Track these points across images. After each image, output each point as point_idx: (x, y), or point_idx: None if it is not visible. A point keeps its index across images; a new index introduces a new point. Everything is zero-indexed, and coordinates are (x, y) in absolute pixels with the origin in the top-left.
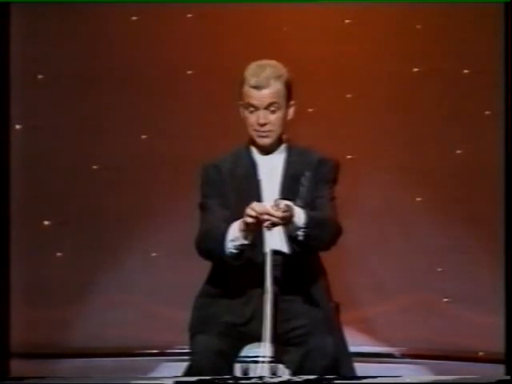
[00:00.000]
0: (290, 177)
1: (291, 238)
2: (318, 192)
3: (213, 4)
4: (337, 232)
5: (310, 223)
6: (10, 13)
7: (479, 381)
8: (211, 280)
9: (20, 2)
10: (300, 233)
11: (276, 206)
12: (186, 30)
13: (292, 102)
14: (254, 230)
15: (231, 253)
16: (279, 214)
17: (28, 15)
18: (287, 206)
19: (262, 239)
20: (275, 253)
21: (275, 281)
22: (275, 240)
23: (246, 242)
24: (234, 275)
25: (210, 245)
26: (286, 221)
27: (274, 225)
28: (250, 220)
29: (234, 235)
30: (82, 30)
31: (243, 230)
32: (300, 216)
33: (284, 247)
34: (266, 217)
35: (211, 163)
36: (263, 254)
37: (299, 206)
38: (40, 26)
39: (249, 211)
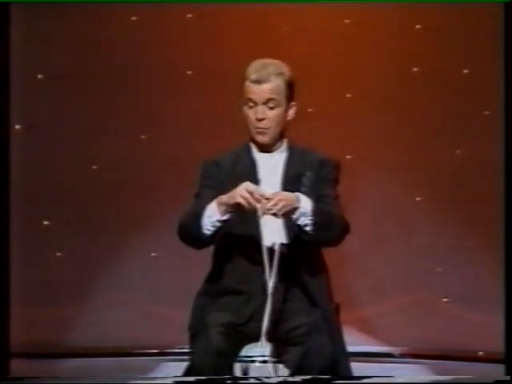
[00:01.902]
0: (290, 176)
1: (299, 229)
2: (322, 192)
3: (213, 4)
4: (344, 227)
5: (317, 212)
6: (9, 13)
7: (479, 381)
8: (211, 279)
9: (20, 1)
10: (308, 221)
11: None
12: (186, 30)
13: (293, 103)
14: (236, 208)
15: (207, 230)
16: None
17: (28, 15)
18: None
19: (260, 235)
20: (273, 251)
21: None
22: (275, 237)
23: (223, 218)
24: (233, 275)
25: (187, 223)
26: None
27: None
28: (242, 201)
29: (212, 210)
30: (82, 30)
31: (223, 205)
32: (307, 203)
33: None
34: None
35: (212, 159)
36: (262, 254)
37: None
38: (40, 26)
39: (244, 193)
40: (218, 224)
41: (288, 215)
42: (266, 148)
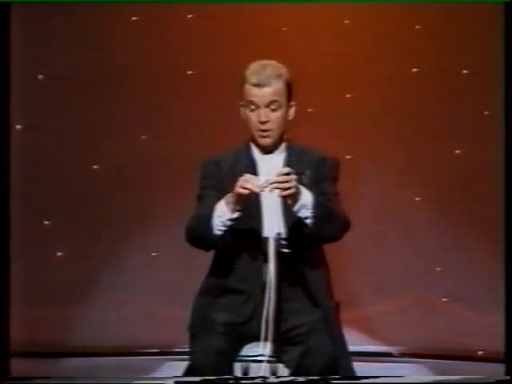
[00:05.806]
0: None
1: (300, 221)
2: (321, 189)
3: (213, 4)
4: (345, 223)
5: (318, 205)
6: (10, 13)
7: (479, 381)
8: (211, 279)
9: (20, 2)
10: (309, 214)
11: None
12: (186, 30)
13: (293, 103)
14: (242, 202)
15: (218, 230)
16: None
17: (28, 15)
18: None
19: (261, 231)
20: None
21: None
22: (274, 229)
23: (233, 216)
24: (233, 274)
25: (197, 226)
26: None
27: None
28: (243, 191)
29: (222, 210)
30: (82, 30)
31: (230, 203)
32: (307, 196)
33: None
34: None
35: (211, 159)
36: (262, 253)
37: None
38: (40, 25)
39: (243, 183)
40: (229, 223)
41: (289, 199)
42: (267, 149)
